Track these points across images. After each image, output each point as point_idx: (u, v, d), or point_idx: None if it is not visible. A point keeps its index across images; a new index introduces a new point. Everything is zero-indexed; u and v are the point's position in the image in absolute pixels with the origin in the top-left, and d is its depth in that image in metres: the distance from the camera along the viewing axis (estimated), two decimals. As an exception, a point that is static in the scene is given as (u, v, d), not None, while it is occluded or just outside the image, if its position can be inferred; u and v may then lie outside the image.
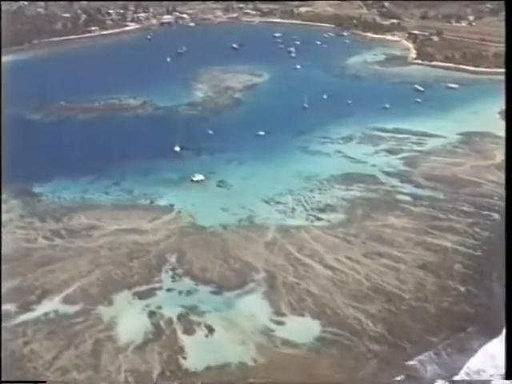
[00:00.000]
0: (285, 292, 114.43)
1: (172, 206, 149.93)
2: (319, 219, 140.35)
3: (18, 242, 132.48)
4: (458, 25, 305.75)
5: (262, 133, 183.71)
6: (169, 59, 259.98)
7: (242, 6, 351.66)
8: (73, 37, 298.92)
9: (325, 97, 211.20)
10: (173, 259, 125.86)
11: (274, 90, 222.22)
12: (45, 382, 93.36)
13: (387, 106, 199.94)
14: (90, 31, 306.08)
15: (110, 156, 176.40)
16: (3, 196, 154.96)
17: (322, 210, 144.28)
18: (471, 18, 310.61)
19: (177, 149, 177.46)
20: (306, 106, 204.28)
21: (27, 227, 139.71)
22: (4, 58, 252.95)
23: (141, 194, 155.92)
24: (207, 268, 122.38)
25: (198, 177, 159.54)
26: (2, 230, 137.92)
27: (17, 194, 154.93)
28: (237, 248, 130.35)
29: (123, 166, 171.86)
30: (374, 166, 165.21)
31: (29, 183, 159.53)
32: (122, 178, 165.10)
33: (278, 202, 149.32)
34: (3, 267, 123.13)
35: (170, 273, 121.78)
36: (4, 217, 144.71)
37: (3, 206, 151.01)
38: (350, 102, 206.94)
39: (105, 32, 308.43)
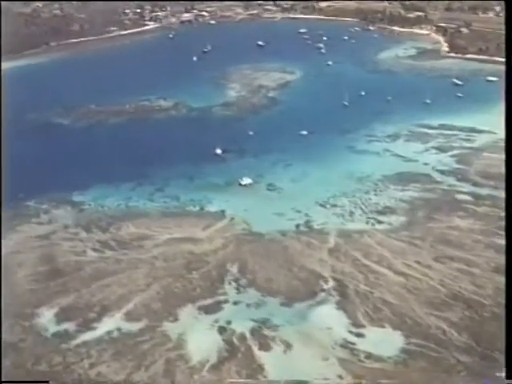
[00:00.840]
0: (359, 302, 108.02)
1: (223, 212, 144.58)
2: (380, 222, 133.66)
3: (66, 255, 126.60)
4: (485, 16, 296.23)
5: (304, 132, 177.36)
6: (195, 58, 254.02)
7: (261, 2, 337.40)
8: (91, 38, 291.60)
9: (363, 93, 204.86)
10: (234, 269, 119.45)
11: (309, 87, 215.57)
12: (47, 381, 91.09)
13: (428, 101, 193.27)
14: (108, 32, 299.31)
15: (148, 160, 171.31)
16: (44, 206, 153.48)
17: (381, 213, 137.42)
18: (498, 8, 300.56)
19: (218, 151, 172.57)
20: (345, 103, 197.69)
21: (73, 238, 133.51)
22: (22, 62, 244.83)
23: (188, 200, 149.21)
24: (272, 278, 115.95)
25: (246, 180, 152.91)
26: (47, 242, 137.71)
27: (57, 204, 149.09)
28: (300, 255, 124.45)
29: (164, 171, 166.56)
30: (426, 164, 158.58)
31: (68, 191, 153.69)
32: (166, 184, 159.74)
33: (334, 205, 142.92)
34: (54, 283, 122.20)
35: (234, 284, 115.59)
36: (47, 228, 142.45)
37: (45, 217, 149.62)
38: (389, 98, 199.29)
39: (124, 32, 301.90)
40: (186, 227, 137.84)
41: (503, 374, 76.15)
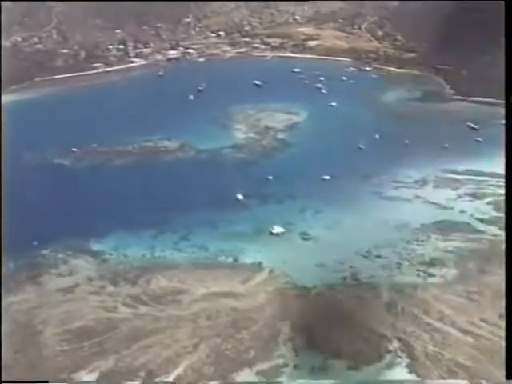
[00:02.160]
0: (431, 364, 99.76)
1: (260, 263, 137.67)
2: (431, 275, 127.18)
3: (97, 312, 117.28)
4: (482, 58, 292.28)
5: (327, 177, 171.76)
6: (191, 97, 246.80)
7: (248, 40, 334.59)
8: (77, 74, 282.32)
9: (377, 136, 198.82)
10: (286, 328, 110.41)
11: (318, 129, 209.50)
12: (46, 382, 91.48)
13: (447, 145, 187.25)
14: (93, 68, 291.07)
15: (165, 206, 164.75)
16: (61, 255, 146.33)
17: (430, 265, 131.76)
18: (493, 52, 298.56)
19: (240, 197, 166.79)
20: (361, 147, 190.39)
21: (100, 292, 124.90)
22: (7, 98, 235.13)
23: (218, 251, 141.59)
24: (330, 338, 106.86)
25: (278, 229, 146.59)
26: (72, 296, 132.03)
27: (75, 253, 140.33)
28: (355, 312, 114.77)
29: (185, 217, 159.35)
30: (463, 212, 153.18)
31: (84, 239, 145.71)
32: (189, 232, 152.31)
33: (377, 256, 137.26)
34: (88, 343, 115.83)
35: (290, 345, 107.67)
36: (69, 280, 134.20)
37: (65, 267, 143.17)
38: (407, 142, 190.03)
39: (110, 68, 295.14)
40: (223, 280, 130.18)
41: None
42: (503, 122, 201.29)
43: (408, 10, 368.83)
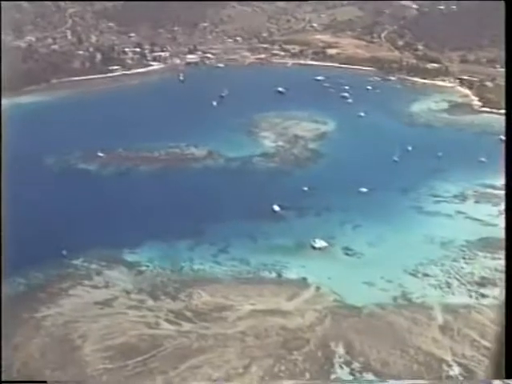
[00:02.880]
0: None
1: (305, 279, 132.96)
2: (484, 296, 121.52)
3: (138, 328, 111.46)
4: (504, 70, 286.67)
5: (364, 189, 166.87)
6: (214, 103, 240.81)
7: (266, 46, 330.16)
8: (94, 76, 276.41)
9: (409, 148, 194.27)
10: (340, 350, 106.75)
11: (349, 140, 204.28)
12: (45, 382, 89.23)
13: (483, 159, 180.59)
14: (111, 71, 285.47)
15: (198, 216, 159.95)
16: (93, 266, 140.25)
17: (480, 285, 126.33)
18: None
19: (276, 208, 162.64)
20: (395, 159, 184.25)
21: (140, 307, 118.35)
22: (24, 99, 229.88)
23: (260, 265, 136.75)
24: (388, 361, 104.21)
25: (320, 243, 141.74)
26: (110, 310, 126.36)
27: (109, 263, 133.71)
28: (410, 334, 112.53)
29: (220, 228, 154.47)
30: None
31: (116, 249, 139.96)
32: (227, 244, 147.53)
33: (426, 275, 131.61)
34: (132, 362, 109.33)
35: (346, 368, 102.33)
36: (105, 293, 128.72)
37: (99, 279, 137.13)
38: (440, 154, 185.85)
39: (128, 72, 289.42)
40: (268, 297, 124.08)
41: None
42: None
43: (426, 19, 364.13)
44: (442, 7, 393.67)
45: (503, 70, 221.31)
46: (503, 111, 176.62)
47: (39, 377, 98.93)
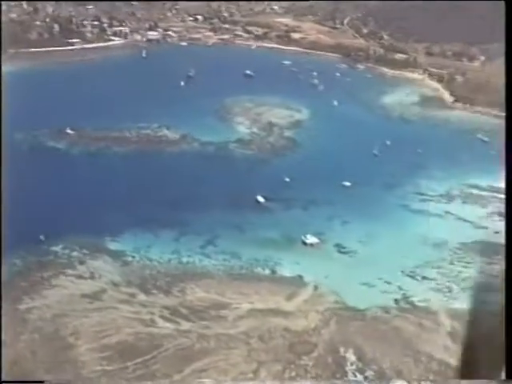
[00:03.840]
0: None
1: (301, 277, 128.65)
2: (485, 302, 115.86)
3: (133, 325, 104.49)
4: (472, 65, 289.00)
5: (347, 183, 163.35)
6: (182, 83, 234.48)
7: (228, 26, 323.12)
8: (53, 49, 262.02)
9: (388, 143, 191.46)
10: (351, 356, 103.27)
11: (325, 129, 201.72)
12: (42, 382, 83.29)
13: (464, 158, 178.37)
14: (70, 43, 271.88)
15: (180, 203, 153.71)
16: (75, 253, 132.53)
17: (480, 290, 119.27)
18: (482, 58, 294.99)
19: (260, 199, 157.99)
20: (375, 152, 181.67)
21: (131, 302, 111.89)
22: None
23: (252, 260, 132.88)
24: (401, 369, 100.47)
25: (312, 239, 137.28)
26: (100, 304, 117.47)
27: (91, 252, 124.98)
28: (419, 340, 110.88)
29: (205, 218, 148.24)
30: (497, 232, 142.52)
31: (97, 236, 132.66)
32: (214, 235, 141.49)
33: (424, 278, 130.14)
34: (132, 363, 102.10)
35: (359, 376, 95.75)
36: (92, 284, 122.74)
37: (83, 269, 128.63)
38: (420, 151, 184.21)
39: (88, 46, 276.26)
40: (266, 295, 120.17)
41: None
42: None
43: (389, 9, 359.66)
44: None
45: (471, 64, 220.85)
46: (477, 108, 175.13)
47: (32, 378, 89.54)
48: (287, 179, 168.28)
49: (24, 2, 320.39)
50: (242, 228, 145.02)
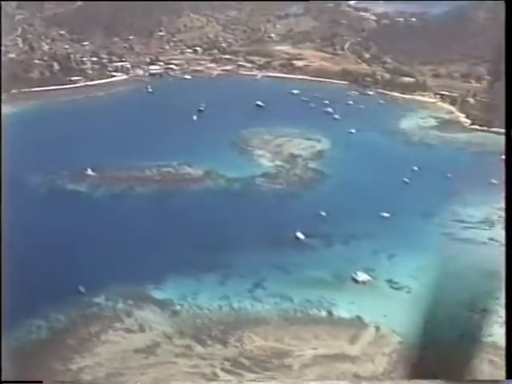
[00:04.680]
0: None
1: (359, 318, 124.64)
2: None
3: (194, 379, 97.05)
4: (481, 85, 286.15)
5: (386, 214, 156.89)
6: (195, 117, 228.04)
7: (229, 57, 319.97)
8: (56, 87, 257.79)
9: (415, 168, 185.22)
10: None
11: (349, 159, 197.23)
12: (40, 382, 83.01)
13: (494, 181, 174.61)
14: (73, 81, 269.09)
15: (215, 244, 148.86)
16: (120, 305, 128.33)
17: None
18: (488, 77, 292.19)
19: (300, 236, 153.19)
20: (406, 180, 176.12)
21: (188, 355, 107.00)
22: None
23: (305, 301, 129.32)
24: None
25: (363, 276, 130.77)
26: (156, 359, 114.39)
27: (136, 302, 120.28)
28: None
29: (246, 259, 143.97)
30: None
31: (138, 284, 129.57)
32: (260, 277, 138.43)
33: (483, 310, 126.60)
34: None
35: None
36: (143, 338, 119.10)
37: (131, 321, 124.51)
38: (449, 175, 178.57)
39: (91, 83, 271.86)
40: (327, 339, 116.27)
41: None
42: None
43: (388, 31, 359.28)
44: (400, 19, 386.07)
45: (479, 85, 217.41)
46: (495, 129, 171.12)
47: None
48: (323, 213, 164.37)
49: (19, 41, 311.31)
50: (286, 268, 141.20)
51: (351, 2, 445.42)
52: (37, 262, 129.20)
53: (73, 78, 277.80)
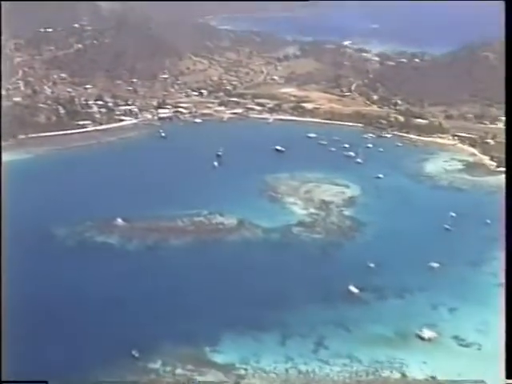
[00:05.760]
0: None
1: (434, 378, 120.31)
2: None
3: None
4: (496, 126, 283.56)
5: (435, 264, 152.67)
6: (216, 163, 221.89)
7: (238, 100, 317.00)
8: (64, 132, 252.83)
9: (453, 215, 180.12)
10: None
11: (382, 205, 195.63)
12: (46, 381, 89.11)
13: None
14: (81, 126, 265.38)
15: (266, 300, 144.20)
16: (179, 370, 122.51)
17: None
18: (504, 118, 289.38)
19: (353, 289, 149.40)
20: (447, 227, 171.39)
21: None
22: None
23: (374, 362, 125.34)
24: None
25: (428, 333, 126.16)
26: None
27: (196, 367, 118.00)
28: None
29: (300, 315, 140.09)
30: None
31: (194, 346, 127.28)
32: (320, 336, 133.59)
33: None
34: None
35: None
36: None
37: None
38: (488, 221, 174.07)
39: (100, 127, 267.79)
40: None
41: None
42: None
43: (394, 72, 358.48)
44: (404, 60, 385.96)
45: (494, 126, 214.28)
46: None
47: None
48: (371, 265, 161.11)
49: (21, 84, 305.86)
50: (344, 324, 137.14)
51: (346, 43, 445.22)
52: (79, 322, 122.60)
53: (80, 123, 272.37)
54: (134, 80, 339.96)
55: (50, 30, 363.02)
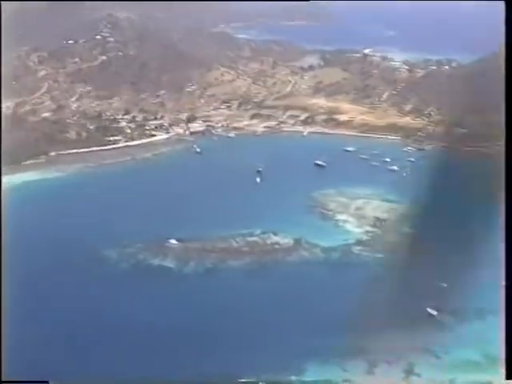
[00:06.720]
0: None
1: None
2: None
3: None
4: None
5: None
6: (258, 180, 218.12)
7: (269, 113, 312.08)
8: (96, 148, 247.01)
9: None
10: None
11: (441, 223, 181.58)
12: (47, 382, 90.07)
13: None
14: (112, 142, 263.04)
15: (342, 324, 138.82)
16: None
17: None
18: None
19: (432, 312, 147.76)
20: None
21: None
22: (29, 176, 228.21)
23: None
24: None
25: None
26: None
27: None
28: None
29: (380, 340, 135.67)
30: None
31: (279, 375, 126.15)
32: (408, 362, 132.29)
33: None
34: None
35: None
36: None
37: None
38: None
39: (132, 143, 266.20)
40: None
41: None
42: None
43: (421, 80, 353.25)
44: (434, 67, 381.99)
45: None
46: None
47: None
48: (444, 284, 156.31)
49: (46, 98, 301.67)
50: (430, 349, 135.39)
51: (367, 51, 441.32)
52: (140, 354, 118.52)
53: (111, 138, 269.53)
54: (161, 92, 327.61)
55: (72, 41, 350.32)
